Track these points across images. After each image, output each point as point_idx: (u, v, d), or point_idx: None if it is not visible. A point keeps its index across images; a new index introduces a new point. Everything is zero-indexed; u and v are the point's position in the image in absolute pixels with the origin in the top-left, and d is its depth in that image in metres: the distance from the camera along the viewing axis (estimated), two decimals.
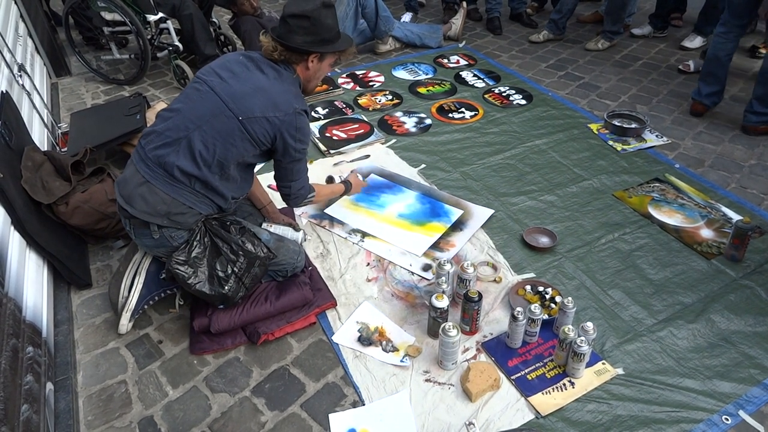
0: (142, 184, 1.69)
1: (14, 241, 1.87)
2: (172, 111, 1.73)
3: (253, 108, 1.68)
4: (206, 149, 1.67)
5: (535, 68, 3.83)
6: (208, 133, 1.67)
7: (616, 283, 2.04)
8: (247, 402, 1.69)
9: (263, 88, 1.70)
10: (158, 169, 1.69)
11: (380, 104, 3.34)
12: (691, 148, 2.87)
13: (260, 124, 1.69)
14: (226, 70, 1.74)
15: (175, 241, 1.74)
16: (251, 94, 1.68)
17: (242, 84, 1.70)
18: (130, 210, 1.70)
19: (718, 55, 2.96)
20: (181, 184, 1.70)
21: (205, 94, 1.70)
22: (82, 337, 1.91)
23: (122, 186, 1.75)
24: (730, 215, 2.35)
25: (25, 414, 1.42)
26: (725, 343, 1.80)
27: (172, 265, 1.71)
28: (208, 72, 1.76)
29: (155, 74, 3.85)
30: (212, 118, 1.67)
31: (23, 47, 3.25)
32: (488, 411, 1.61)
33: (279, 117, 1.70)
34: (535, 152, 2.83)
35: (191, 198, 1.72)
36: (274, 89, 1.71)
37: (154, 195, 1.68)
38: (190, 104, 1.71)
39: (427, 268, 2.13)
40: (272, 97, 1.70)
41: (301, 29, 1.71)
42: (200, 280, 1.74)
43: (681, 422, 1.58)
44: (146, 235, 1.74)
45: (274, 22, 3.58)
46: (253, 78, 1.72)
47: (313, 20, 1.70)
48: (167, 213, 1.69)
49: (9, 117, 2.24)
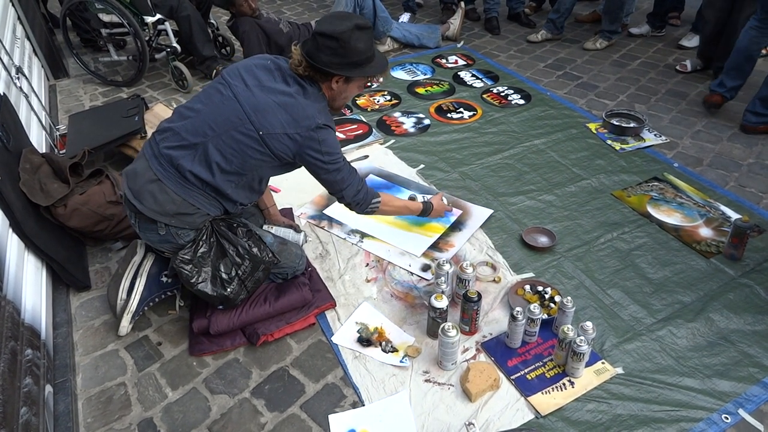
0: (153, 182, 1.68)
1: (12, 243, 1.86)
2: (192, 110, 1.70)
3: (274, 123, 1.63)
4: (224, 160, 1.65)
5: (534, 68, 3.83)
6: (226, 144, 1.64)
7: (615, 282, 2.04)
8: (247, 403, 1.68)
9: (286, 103, 1.65)
10: (171, 169, 1.67)
11: (379, 105, 3.34)
12: (690, 147, 2.87)
13: (280, 140, 1.65)
14: (252, 75, 1.69)
15: (181, 239, 1.73)
16: (274, 109, 1.64)
17: (266, 96, 1.65)
18: (139, 206, 1.68)
19: (749, 49, 2.95)
20: (193, 186, 1.68)
21: (228, 100, 1.66)
22: (81, 340, 1.91)
23: (131, 179, 1.72)
24: (728, 214, 2.35)
25: (24, 417, 1.41)
26: (724, 342, 1.80)
27: (176, 263, 1.70)
28: (233, 74, 1.70)
29: (153, 76, 3.85)
30: (232, 129, 1.63)
31: (21, 49, 3.25)
32: (488, 411, 1.61)
33: (300, 134, 1.65)
34: (533, 152, 2.83)
35: (201, 200, 1.71)
36: (298, 104, 1.66)
37: (165, 194, 1.67)
38: (211, 107, 1.68)
39: (426, 268, 2.13)
40: (294, 113, 1.65)
41: (328, 49, 1.63)
42: (203, 280, 1.74)
43: (681, 421, 1.58)
44: (152, 230, 1.73)
45: (272, 23, 3.58)
46: (277, 90, 1.66)
47: (343, 42, 1.62)
48: (176, 213, 1.69)
49: (7, 119, 2.24)
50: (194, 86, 3.61)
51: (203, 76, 3.76)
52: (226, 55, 4.09)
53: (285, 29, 3.63)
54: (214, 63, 3.71)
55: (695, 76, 3.59)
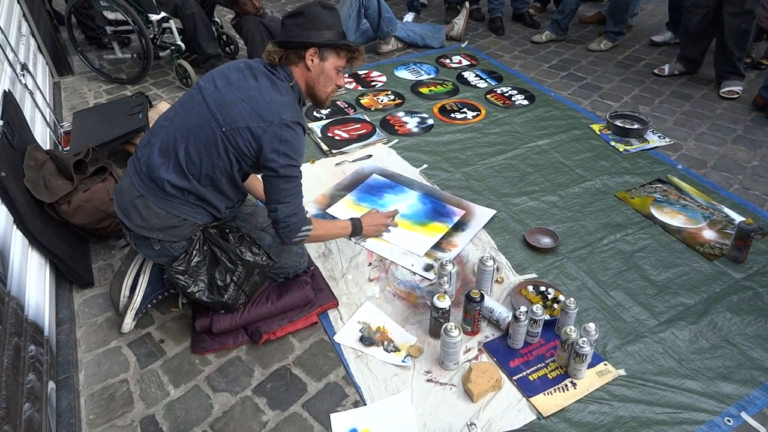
0: (138, 198, 1.69)
1: (17, 240, 1.87)
2: (167, 119, 1.71)
3: (237, 118, 1.59)
4: (192, 163, 1.64)
5: (538, 69, 3.82)
6: (193, 146, 1.62)
7: (618, 284, 2.04)
8: (249, 401, 1.69)
9: (251, 96, 1.61)
10: (150, 183, 1.68)
11: (382, 104, 3.34)
12: (694, 149, 2.86)
13: (242, 135, 1.60)
14: (223, 77, 1.68)
15: (175, 251, 1.74)
16: (238, 104, 1.60)
17: (232, 92, 1.63)
18: (128, 224, 1.70)
19: None
20: (173, 198, 1.68)
21: (197, 103, 1.65)
22: (84, 336, 1.91)
23: (119, 197, 1.74)
24: (732, 216, 2.34)
25: (27, 413, 1.42)
26: (727, 345, 1.80)
27: (171, 274, 1.71)
28: (207, 79, 1.71)
29: (157, 74, 3.86)
30: (199, 131, 1.62)
31: (26, 46, 3.25)
32: (490, 411, 1.61)
33: (262, 127, 1.59)
34: (537, 153, 2.82)
35: (186, 210, 1.70)
36: (263, 97, 1.62)
37: (149, 209, 1.68)
38: (182, 114, 1.68)
39: (428, 268, 2.13)
40: (258, 106, 1.60)
41: (296, 26, 1.66)
42: (200, 289, 1.74)
43: (683, 424, 1.57)
44: (147, 246, 1.74)
45: (276, 21, 3.58)
46: (244, 86, 1.64)
47: (308, 15, 1.65)
48: (162, 227, 1.69)
49: (12, 116, 2.24)
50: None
51: None
52: (230, 54, 4.10)
53: None
54: (218, 61, 3.71)
55: (700, 78, 3.58)
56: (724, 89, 3.33)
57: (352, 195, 2.54)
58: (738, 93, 3.30)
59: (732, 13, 3.11)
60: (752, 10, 3.08)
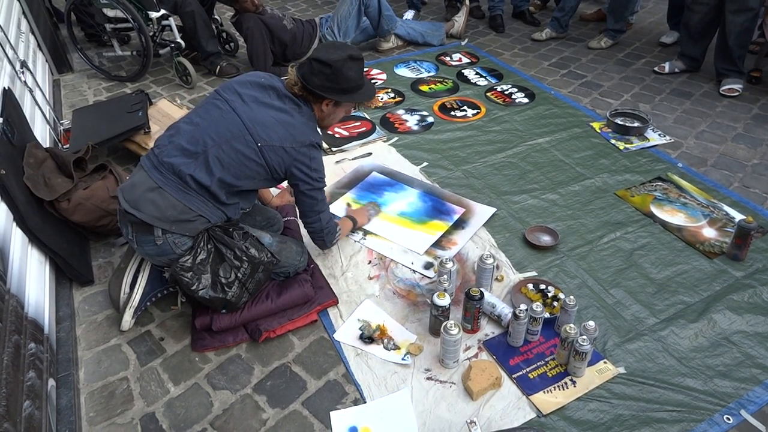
0: (153, 190, 1.70)
1: (16, 237, 1.87)
2: (191, 123, 1.77)
3: (273, 137, 1.73)
4: (223, 168, 1.71)
5: (538, 66, 3.82)
6: (226, 153, 1.71)
7: (617, 282, 2.04)
8: (249, 399, 1.69)
9: (284, 120, 1.76)
10: (171, 176, 1.71)
11: (382, 102, 3.33)
12: (694, 147, 2.86)
13: (277, 152, 1.74)
14: (249, 93, 1.78)
15: (178, 248, 1.74)
16: (273, 124, 1.74)
17: (263, 111, 1.75)
18: (138, 214, 1.69)
19: None
20: (193, 192, 1.71)
21: (227, 113, 1.74)
22: (84, 334, 1.91)
23: (128, 192, 1.74)
24: (732, 215, 2.34)
25: (27, 410, 1.42)
26: (727, 343, 1.80)
27: (176, 271, 1.72)
28: (229, 90, 1.79)
29: (157, 71, 3.85)
30: (232, 140, 1.71)
31: (25, 44, 3.25)
32: (489, 409, 1.61)
33: (295, 148, 1.75)
34: (537, 151, 2.82)
35: (202, 206, 1.73)
36: (294, 122, 1.77)
37: (165, 200, 1.70)
38: (209, 120, 1.74)
39: (428, 266, 2.13)
40: (291, 130, 1.76)
41: (321, 74, 1.76)
42: (203, 287, 1.74)
43: (682, 422, 1.58)
44: (149, 241, 1.74)
45: (276, 19, 3.58)
46: (273, 106, 1.77)
47: (335, 70, 1.75)
48: (176, 219, 1.70)
49: (11, 113, 2.24)
50: (197, 82, 3.61)
51: (207, 72, 3.76)
52: (230, 51, 4.09)
53: (289, 25, 3.63)
54: (218, 59, 3.71)
55: (700, 76, 3.57)
56: (724, 87, 3.33)
57: (352, 193, 2.54)
58: (738, 91, 3.29)
59: (733, 10, 3.10)
60: (754, 7, 3.07)
